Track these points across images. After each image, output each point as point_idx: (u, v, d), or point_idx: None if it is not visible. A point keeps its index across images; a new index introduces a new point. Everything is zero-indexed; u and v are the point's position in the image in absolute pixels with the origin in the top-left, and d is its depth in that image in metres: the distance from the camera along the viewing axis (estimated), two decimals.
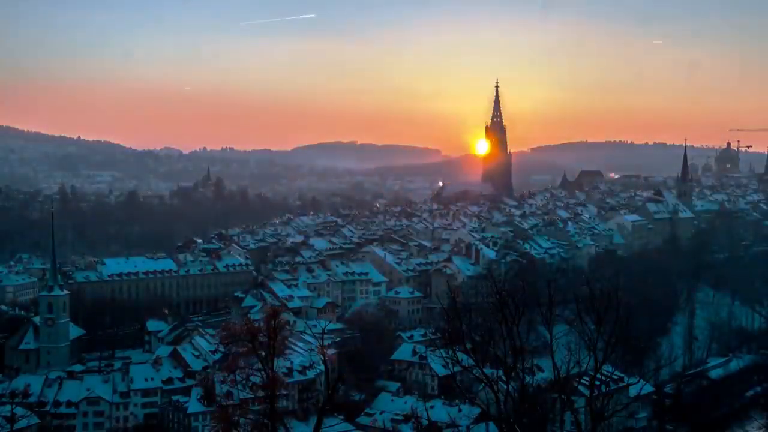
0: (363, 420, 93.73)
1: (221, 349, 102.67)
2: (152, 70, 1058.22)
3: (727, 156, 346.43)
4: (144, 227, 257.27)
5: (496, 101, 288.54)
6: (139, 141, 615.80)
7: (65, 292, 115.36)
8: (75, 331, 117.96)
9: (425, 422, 69.59)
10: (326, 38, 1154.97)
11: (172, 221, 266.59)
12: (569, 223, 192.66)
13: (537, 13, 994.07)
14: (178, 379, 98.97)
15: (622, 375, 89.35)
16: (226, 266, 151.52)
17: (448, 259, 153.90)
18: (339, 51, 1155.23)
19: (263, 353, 34.83)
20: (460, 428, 69.69)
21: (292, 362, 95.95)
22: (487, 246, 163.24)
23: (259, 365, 35.02)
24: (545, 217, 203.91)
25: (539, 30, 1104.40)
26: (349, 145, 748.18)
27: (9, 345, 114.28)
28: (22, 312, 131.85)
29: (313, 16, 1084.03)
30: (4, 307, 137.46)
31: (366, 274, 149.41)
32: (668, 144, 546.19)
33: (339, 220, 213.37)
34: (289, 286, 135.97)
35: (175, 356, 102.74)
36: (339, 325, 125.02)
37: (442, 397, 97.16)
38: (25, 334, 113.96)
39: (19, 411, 79.05)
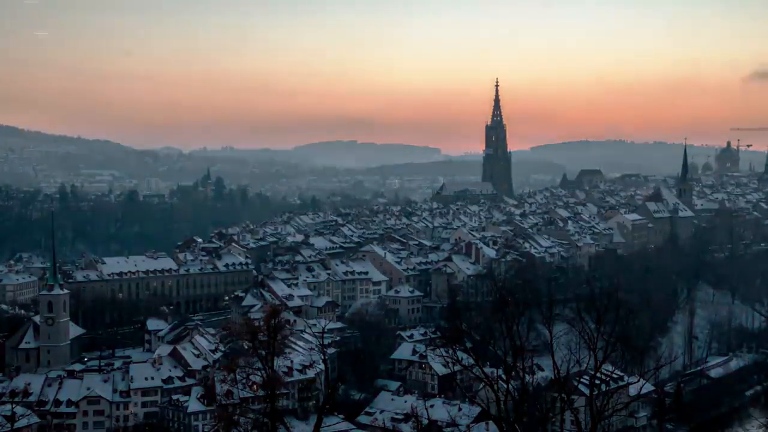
0: (363, 419, 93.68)
1: (221, 348, 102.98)
2: (152, 70, 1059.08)
3: (727, 155, 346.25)
4: (144, 227, 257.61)
5: (496, 101, 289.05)
6: (139, 141, 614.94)
7: (65, 291, 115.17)
8: (75, 330, 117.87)
9: (425, 421, 69.56)
10: (326, 37, 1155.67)
11: (172, 221, 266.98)
12: (569, 222, 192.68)
13: (538, 12, 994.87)
14: (178, 378, 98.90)
15: (622, 374, 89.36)
16: (226, 265, 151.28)
17: (448, 258, 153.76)
18: (339, 50, 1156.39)
19: (263, 352, 34.90)
20: (460, 427, 69.59)
21: (292, 361, 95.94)
22: (487, 245, 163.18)
23: (259, 364, 35.10)
24: (545, 216, 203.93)
25: (540, 29, 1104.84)
26: (349, 145, 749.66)
27: (9, 344, 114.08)
28: (23, 311, 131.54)
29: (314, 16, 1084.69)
30: (4, 307, 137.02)
31: (366, 273, 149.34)
32: (668, 143, 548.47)
33: (339, 219, 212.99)
34: (289, 285, 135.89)
35: (175, 355, 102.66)
36: (339, 325, 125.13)
37: (442, 396, 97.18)
38: (25, 334, 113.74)
39: (20, 410, 79.00)
